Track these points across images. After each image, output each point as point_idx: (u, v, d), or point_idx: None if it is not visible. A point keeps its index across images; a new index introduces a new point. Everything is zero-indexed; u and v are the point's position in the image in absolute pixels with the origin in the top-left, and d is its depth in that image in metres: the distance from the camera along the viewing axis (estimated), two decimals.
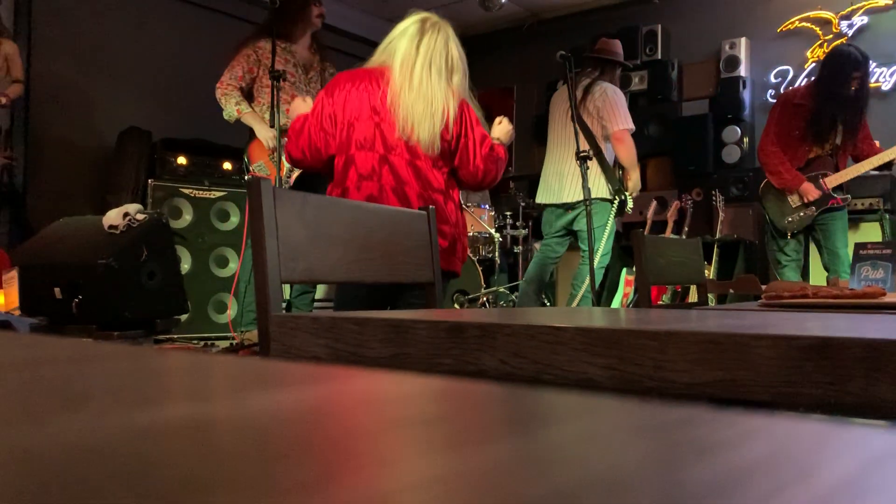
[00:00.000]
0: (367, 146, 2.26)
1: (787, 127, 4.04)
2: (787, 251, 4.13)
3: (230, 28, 5.71)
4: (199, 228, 4.61)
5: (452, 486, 0.15)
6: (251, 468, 0.15)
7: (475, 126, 2.35)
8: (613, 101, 3.99)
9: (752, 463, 0.17)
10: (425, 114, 2.25)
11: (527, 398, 0.26)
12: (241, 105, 3.53)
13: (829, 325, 0.67)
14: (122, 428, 0.19)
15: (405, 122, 2.25)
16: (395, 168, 2.26)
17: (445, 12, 2.57)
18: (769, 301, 1.39)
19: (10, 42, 4.33)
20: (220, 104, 3.57)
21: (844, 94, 3.89)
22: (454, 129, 2.30)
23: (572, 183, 4.03)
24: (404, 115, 2.25)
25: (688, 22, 6.15)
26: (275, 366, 0.32)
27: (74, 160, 4.98)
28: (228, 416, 0.21)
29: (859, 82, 3.94)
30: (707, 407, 0.23)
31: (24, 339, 0.45)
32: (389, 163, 2.26)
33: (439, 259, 1.54)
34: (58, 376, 0.28)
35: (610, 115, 3.98)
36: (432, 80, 2.27)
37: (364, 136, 2.26)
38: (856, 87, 3.93)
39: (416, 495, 0.14)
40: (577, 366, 0.64)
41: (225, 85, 3.57)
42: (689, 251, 2.35)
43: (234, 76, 3.57)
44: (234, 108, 3.52)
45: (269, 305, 1.09)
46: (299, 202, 1.20)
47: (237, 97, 3.54)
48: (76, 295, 3.02)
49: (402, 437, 0.19)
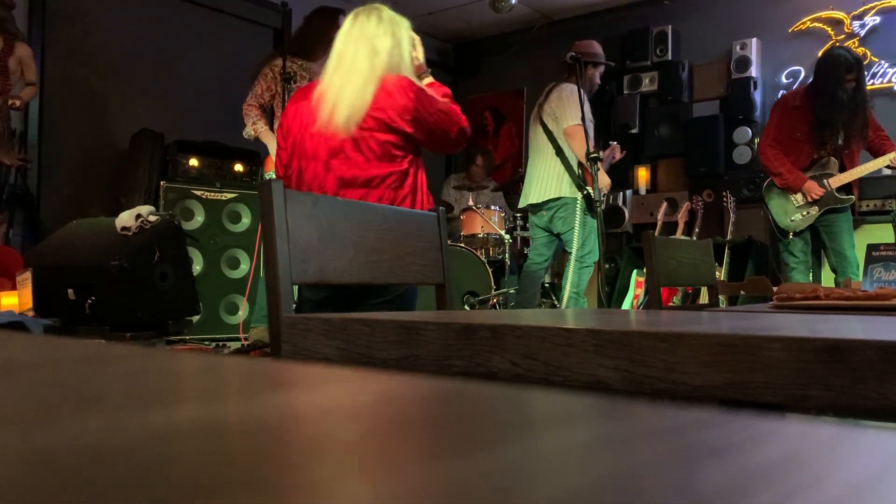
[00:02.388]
0: (310, 155, 2.17)
1: (788, 129, 4.04)
2: (794, 252, 4.12)
3: (242, 31, 5.74)
4: (211, 230, 4.63)
5: (463, 488, 0.15)
6: (263, 469, 0.16)
7: (431, 104, 2.17)
8: (566, 100, 4.03)
9: (764, 467, 0.17)
10: (350, 88, 2.10)
11: (537, 400, 0.26)
12: (257, 124, 3.66)
13: (842, 328, 0.67)
14: (134, 429, 0.19)
15: (328, 103, 2.12)
16: (336, 171, 2.13)
17: (456, 14, 2.55)
18: (781, 303, 1.38)
19: (23, 45, 4.36)
20: (244, 122, 3.72)
21: (839, 96, 3.90)
22: (410, 114, 2.12)
23: (539, 183, 4.12)
24: (329, 97, 2.13)
25: (698, 22, 6.12)
26: (286, 367, 0.32)
27: (87, 162, 5.01)
28: (240, 417, 0.22)
29: (854, 84, 3.93)
30: (719, 410, 0.23)
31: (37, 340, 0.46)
32: (332, 169, 2.14)
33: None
34: (71, 377, 0.28)
35: (561, 113, 4.04)
36: (359, 54, 2.14)
37: (310, 145, 2.17)
38: (850, 89, 3.92)
39: (427, 498, 0.14)
40: (588, 368, 0.64)
41: (247, 104, 3.70)
42: (699, 252, 2.34)
43: (254, 95, 3.70)
44: (251, 127, 3.66)
45: (281, 307, 1.09)
46: (310, 203, 1.21)
47: (255, 116, 3.66)
48: (89, 296, 3.04)
49: (413, 439, 0.19)
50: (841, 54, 4.00)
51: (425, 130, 2.18)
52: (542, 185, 4.10)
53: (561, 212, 4.05)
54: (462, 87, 7.34)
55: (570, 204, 4.03)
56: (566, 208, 4.03)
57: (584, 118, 3.88)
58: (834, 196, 4.00)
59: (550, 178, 4.06)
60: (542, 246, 4.23)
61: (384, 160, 2.14)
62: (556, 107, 4.06)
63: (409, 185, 2.18)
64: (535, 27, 6.92)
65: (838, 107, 3.90)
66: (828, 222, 4.06)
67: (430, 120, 2.17)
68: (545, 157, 4.11)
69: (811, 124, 3.98)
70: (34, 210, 4.56)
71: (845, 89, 3.91)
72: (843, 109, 3.91)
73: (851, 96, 3.92)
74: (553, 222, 4.11)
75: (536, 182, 4.14)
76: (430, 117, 2.17)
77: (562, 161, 4.04)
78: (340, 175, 2.12)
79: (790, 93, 4.33)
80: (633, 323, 0.77)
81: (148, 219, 3.17)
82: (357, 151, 2.13)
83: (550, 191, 4.05)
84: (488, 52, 7.22)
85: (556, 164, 4.05)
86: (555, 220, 4.08)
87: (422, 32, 2.45)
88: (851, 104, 3.92)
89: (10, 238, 4.34)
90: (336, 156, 2.13)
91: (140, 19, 5.27)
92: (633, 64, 6.22)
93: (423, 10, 6.39)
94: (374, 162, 2.13)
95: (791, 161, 4.04)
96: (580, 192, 4.01)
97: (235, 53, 5.46)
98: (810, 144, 4.02)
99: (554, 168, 4.06)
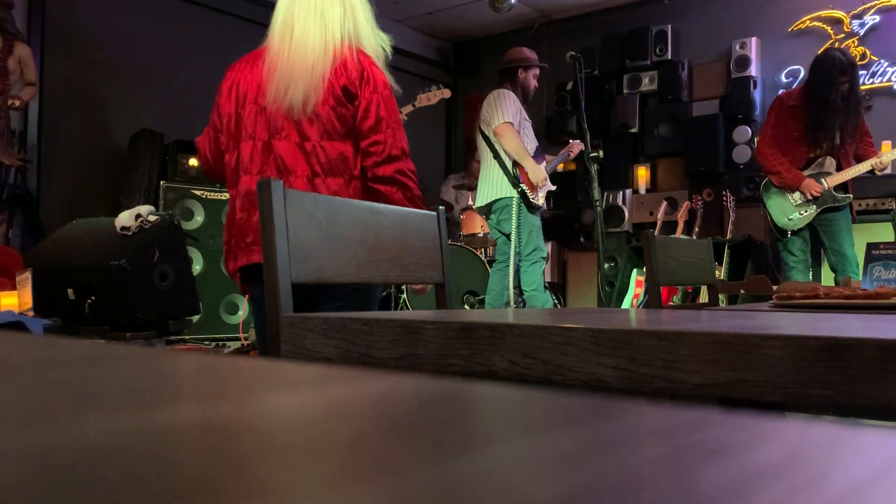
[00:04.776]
0: (249, 135, 1.91)
1: (785, 129, 4.06)
2: (793, 251, 4.13)
3: (242, 30, 5.73)
4: (211, 230, 4.63)
5: (463, 489, 0.15)
6: (263, 470, 0.16)
7: (382, 94, 1.88)
8: (493, 103, 4.21)
9: (764, 466, 0.17)
10: (303, 66, 1.84)
11: (536, 399, 0.26)
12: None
13: (841, 326, 0.67)
14: (134, 429, 0.19)
15: (279, 82, 1.86)
16: (279, 155, 1.87)
17: (456, 13, 2.50)
18: (780, 301, 1.38)
19: (23, 45, 4.36)
20: None
21: (832, 99, 3.91)
22: (354, 89, 1.86)
23: (483, 187, 4.31)
24: (279, 76, 1.86)
25: (698, 22, 6.12)
26: (285, 367, 0.32)
27: (87, 162, 5.01)
28: (240, 417, 0.22)
29: (847, 87, 3.95)
30: (718, 408, 0.23)
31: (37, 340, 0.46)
32: (273, 149, 1.88)
33: None
34: (71, 377, 0.28)
35: (490, 116, 4.20)
36: (308, 24, 1.87)
37: (249, 123, 1.92)
38: (844, 91, 3.93)
39: (427, 498, 0.14)
40: (587, 366, 0.64)
41: None
42: (699, 252, 2.34)
43: None
44: None
45: (280, 306, 1.09)
46: (309, 203, 1.21)
47: None
48: (89, 296, 3.04)
49: (413, 439, 0.19)
50: (835, 56, 4.02)
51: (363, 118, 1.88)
52: (484, 189, 4.29)
53: (503, 214, 4.22)
54: (462, 86, 7.34)
55: (508, 203, 4.17)
56: (507, 209, 4.18)
57: (524, 119, 4.11)
58: (832, 195, 4.01)
59: (490, 180, 4.25)
60: (503, 245, 4.32)
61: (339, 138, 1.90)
62: (486, 112, 4.24)
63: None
64: (534, 26, 6.92)
65: (831, 109, 3.93)
66: (826, 221, 4.07)
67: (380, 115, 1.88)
68: (486, 162, 4.29)
69: (806, 124, 3.99)
70: (34, 210, 4.56)
71: (838, 92, 3.92)
72: (836, 112, 3.94)
73: (845, 98, 3.94)
74: (500, 224, 4.26)
75: (482, 186, 4.33)
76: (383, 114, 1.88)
77: (498, 163, 4.20)
78: (320, 160, 1.88)
79: (787, 92, 4.34)
80: (633, 321, 0.77)
81: (148, 219, 3.17)
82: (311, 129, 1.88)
83: (491, 193, 4.24)
84: (488, 52, 7.22)
85: (494, 166, 4.22)
86: (501, 222, 4.24)
87: (422, 32, 2.41)
88: (845, 106, 3.94)
89: (10, 238, 4.34)
90: (307, 138, 1.88)
91: (140, 19, 5.27)
92: (632, 63, 6.22)
93: (423, 9, 6.39)
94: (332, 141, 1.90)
95: (788, 160, 4.05)
96: (515, 189, 4.13)
97: (235, 53, 5.45)
98: (806, 144, 4.04)
99: (493, 171, 4.23)
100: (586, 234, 6.27)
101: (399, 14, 6.37)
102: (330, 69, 1.86)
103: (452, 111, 7.47)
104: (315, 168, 1.86)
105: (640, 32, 6.14)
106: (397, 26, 2.39)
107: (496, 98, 4.22)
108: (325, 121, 1.87)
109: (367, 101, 1.87)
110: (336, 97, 1.86)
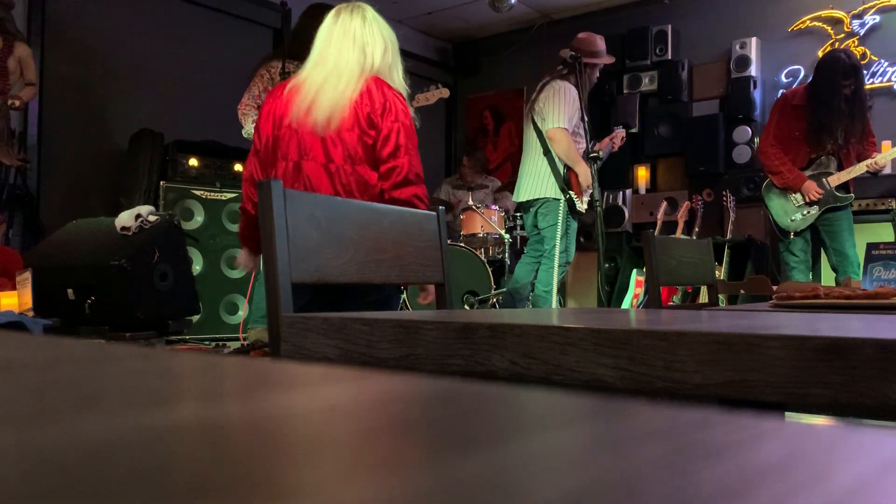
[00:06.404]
0: (283, 155, 2.06)
1: (788, 128, 4.05)
2: (794, 251, 4.12)
3: (242, 30, 5.74)
4: (211, 230, 4.63)
5: (461, 489, 0.15)
6: (262, 469, 0.16)
7: (402, 125, 2.04)
8: (553, 100, 3.98)
9: (764, 466, 0.17)
10: (334, 87, 2.00)
11: (536, 399, 0.26)
12: (256, 123, 3.68)
13: (841, 326, 0.67)
14: (134, 428, 0.19)
15: (306, 96, 2.02)
16: (307, 175, 2.02)
17: (456, 13, 2.52)
18: (780, 302, 1.38)
19: (23, 45, 4.36)
20: (241, 123, 3.71)
21: (836, 101, 3.90)
22: (377, 118, 2.01)
23: (527, 181, 4.13)
24: (306, 91, 2.02)
25: (698, 22, 6.12)
26: (285, 367, 0.32)
27: (87, 162, 5.01)
28: (240, 417, 0.22)
29: (852, 90, 3.94)
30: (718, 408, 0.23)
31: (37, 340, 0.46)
32: (302, 169, 2.02)
33: None
34: (71, 377, 0.28)
35: (548, 113, 3.99)
36: (344, 52, 2.04)
37: (284, 145, 2.07)
38: (848, 94, 3.92)
39: (427, 498, 0.14)
40: (587, 366, 0.64)
41: (244, 105, 3.71)
42: (699, 252, 2.34)
43: (251, 96, 3.71)
44: (251, 126, 3.66)
45: (280, 306, 1.09)
46: (310, 203, 1.21)
47: (253, 116, 3.67)
48: (89, 296, 3.04)
49: (413, 439, 0.19)
50: (839, 59, 4.00)
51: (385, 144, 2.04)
52: (529, 184, 4.12)
53: (543, 209, 4.09)
54: (462, 86, 7.34)
55: (552, 204, 4.05)
56: (548, 206, 4.06)
57: (581, 118, 3.88)
58: (834, 195, 4.01)
59: (537, 176, 4.08)
60: (535, 241, 4.22)
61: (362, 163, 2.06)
62: (545, 106, 4.02)
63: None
64: (534, 26, 6.92)
65: (835, 112, 3.92)
66: (828, 221, 4.06)
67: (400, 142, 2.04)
68: (534, 156, 4.11)
69: (810, 125, 3.98)
70: (34, 210, 4.56)
71: (842, 95, 3.91)
72: (839, 114, 3.92)
73: (849, 102, 3.93)
74: (537, 218, 4.14)
75: (525, 180, 4.16)
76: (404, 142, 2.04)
77: (548, 161, 4.04)
78: (344, 182, 2.03)
79: (790, 91, 4.33)
80: (633, 321, 0.77)
81: (148, 219, 3.17)
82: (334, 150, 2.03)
83: (536, 190, 4.08)
84: (488, 52, 7.22)
85: (542, 163, 4.05)
86: (538, 216, 4.12)
87: (422, 32, 2.44)
88: (849, 109, 3.93)
89: (10, 238, 4.34)
90: (332, 160, 2.03)
91: (140, 19, 5.27)
92: (632, 63, 6.21)
93: (423, 9, 6.39)
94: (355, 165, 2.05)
95: (790, 160, 4.04)
96: (563, 194, 4.01)
97: (235, 53, 5.47)
98: (809, 144, 4.03)
99: (541, 167, 4.07)
100: (586, 234, 6.26)
101: (399, 14, 6.37)
102: (357, 96, 2.01)
103: (452, 111, 7.47)
104: (338, 189, 2.01)
105: (640, 32, 6.14)
106: (397, 26, 2.40)
107: (556, 93, 3.97)
108: (348, 145, 2.02)
109: (388, 129, 2.03)
110: (360, 125, 2.02)
